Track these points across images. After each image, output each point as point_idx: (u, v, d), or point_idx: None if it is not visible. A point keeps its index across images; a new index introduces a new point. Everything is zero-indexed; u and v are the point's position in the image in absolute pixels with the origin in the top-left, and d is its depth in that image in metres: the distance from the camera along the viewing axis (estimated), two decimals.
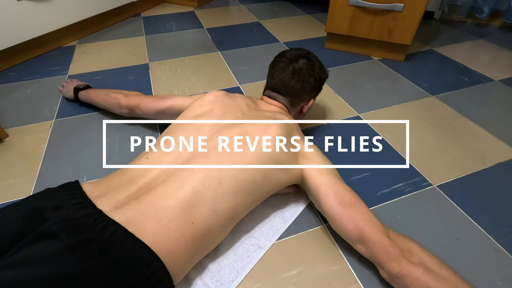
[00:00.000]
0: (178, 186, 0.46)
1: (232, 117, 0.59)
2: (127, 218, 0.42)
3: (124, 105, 0.78)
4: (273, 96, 0.70)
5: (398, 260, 0.45)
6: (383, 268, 0.47)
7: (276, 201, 0.65)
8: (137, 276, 0.38)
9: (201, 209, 0.46)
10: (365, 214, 0.50)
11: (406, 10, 1.04)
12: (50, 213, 0.40)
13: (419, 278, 0.43)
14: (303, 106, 0.72)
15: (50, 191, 0.47)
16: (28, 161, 0.75)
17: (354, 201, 0.52)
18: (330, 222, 0.54)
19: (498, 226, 0.61)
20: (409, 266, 0.44)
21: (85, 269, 0.36)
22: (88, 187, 0.47)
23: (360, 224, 0.49)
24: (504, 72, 1.12)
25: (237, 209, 0.50)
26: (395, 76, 1.10)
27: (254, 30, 1.47)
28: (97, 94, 0.87)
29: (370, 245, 0.48)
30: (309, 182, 0.56)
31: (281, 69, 0.68)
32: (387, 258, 0.46)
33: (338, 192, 0.52)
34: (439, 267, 0.45)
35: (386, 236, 0.48)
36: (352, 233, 0.50)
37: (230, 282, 0.51)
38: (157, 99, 0.75)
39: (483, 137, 0.83)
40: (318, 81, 0.71)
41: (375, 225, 0.49)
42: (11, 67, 1.15)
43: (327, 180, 0.54)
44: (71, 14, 1.26)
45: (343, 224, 0.51)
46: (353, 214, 0.50)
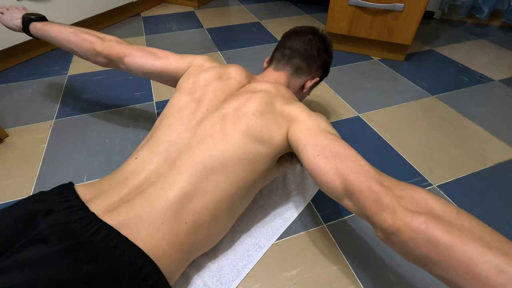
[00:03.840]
0: (167, 188, 0.45)
1: (219, 102, 0.54)
2: (119, 222, 0.41)
3: (103, 53, 0.66)
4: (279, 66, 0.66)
5: (392, 208, 0.34)
6: (374, 223, 0.36)
7: (276, 201, 0.65)
8: (130, 280, 0.37)
9: (193, 207, 0.45)
10: (351, 161, 0.41)
11: (406, 10, 1.04)
12: (42, 218, 0.40)
13: (419, 228, 0.31)
14: (307, 81, 0.68)
15: (43, 194, 0.46)
16: (28, 161, 0.75)
17: (337, 150, 0.43)
18: (314, 181, 0.46)
19: (498, 226, 0.61)
20: (405, 215, 0.33)
21: (77, 274, 0.35)
22: (82, 190, 0.46)
23: (343, 173, 0.40)
24: (504, 72, 1.12)
25: (231, 203, 0.49)
26: (395, 76, 1.10)
27: (254, 30, 1.47)
28: (60, 31, 0.70)
29: (356, 194, 0.38)
30: (292, 142, 0.50)
31: (297, 35, 0.68)
32: (377, 208, 0.35)
33: (318, 143, 0.45)
34: (456, 215, 0.32)
35: (377, 182, 0.37)
36: (335, 185, 0.41)
37: (230, 282, 0.51)
38: (149, 55, 0.64)
39: (483, 137, 0.83)
40: (327, 62, 0.71)
41: (363, 171, 0.39)
42: (11, 67, 1.15)
43: (308, 134, 0.47)
44: (71, 14, 1.26)
45: (323, 177, 0.42)
46: (334, 163, 0.42)
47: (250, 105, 0.52)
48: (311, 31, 0.69)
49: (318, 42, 0.68)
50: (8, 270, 0.34)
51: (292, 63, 0.65)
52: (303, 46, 0.66)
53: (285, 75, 0.65)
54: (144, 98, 0.97)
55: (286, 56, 0.66)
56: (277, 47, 0.69)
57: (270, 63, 0.69)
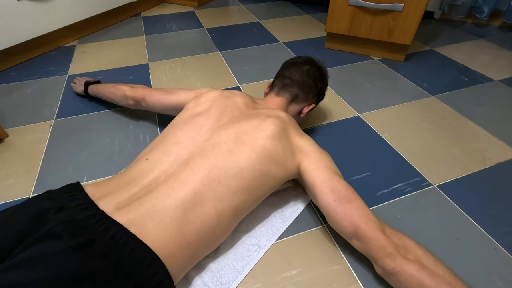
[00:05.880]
0: (179, 187, 0.46)
1: (230, 116, 0.59)
2: (128, 219, 0.42)
3: (130, 96, 0.79)
4: (280, 93, 0.72)
5: (393, 257, 0.45)
6: (377, 264, 0.47)
7: (276, 201, 0.65)
8: (138, 277, 0.38)
9: (202, 208, 0.46)
10: (361, 210, 0.50)
11: (406, 10, 1.04)
12: (53, 215, 0.40)
13: (413, 274, 0.43)
14: (304, 108, 0.74)
15: (52, 192, 0.46)
16: (28, 161, 0.75)
17: (350, 197, 0.51)
18: (327, 217, 0.54)
19: (498, 225, 0.61)
20: (403, 263, 0.44)
21: (87, 270, 0.36)
22: (90, 189, 0.47)
23: (355, 220, 0.49)
24: (504, 72, 1.12)
25: (239, 208, 0.51)
26: (395, 76, 1.10)
27: (254, 30, 1.47)
28: (105, 87, 0.88)
29: (365, 241, 0.48)
30: (306, 177, 0.56)
31: (296, 66, 0.74)
32: (382, 254, 0.46)
33: (334, 188, 0.52)
34: (434, 265, 0.45)
35: (381, 232, 0.48)
36: (348, 229, 0.50)
37: (230, 282, 0.51)
38: (163, 93, 0.75)
39: (483, 137, 0.83)
40: (322, 90, 0.78)
41: (371, 221, 0.49)
42: (11, 67, 1.15)
43: (323, 175, 0.54)
44: (71, 14, 1.26)
45: (339, 220, 0.51)
46: (349, 210, 0.50)
47: (268, 126, 0.56)
48: (309, 62, 0.76)
49: (315, 72, 0.74)
50: (20, 266, 0.34)
51: (291, 91, 0.72)
52: (301, 77, 0.72)
53: (284, 101, 0.71)
54: None
55: (285, 85, 0.72)
56: (278, 75, 0.76)
57: (271, 89, 0.75)
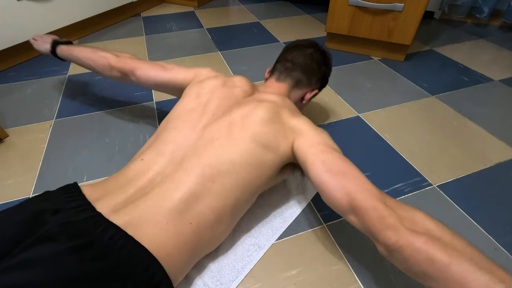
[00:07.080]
0: (174, 188, 0.46)
1: (225, 108, 0.56)
2: (125, 221, 0.42)
3: (116, 66, 0.71)
4: (281, 78, 0.67)
5: (395, 228, 0.37)
6: (378, 240, 0.40)
7: (276, 201, 0.65)
8: (135, 279, 0.38)
9: (199, 209, 0.46)
10: (357, 179, 0.44)
11: (406, 10, 1.04)
12: (50, 217, 0.40)
13: (420, 248, 0.35)
14: (306, 93, 0.70)
15: (49, 193, 0.46)
16: (28, 161, 0.75)
17: (344, 168, 0.46)
18: (320, 193, 0.48)
19: (498, 225, 0.61)
20: (408, 234, 0.36)
21: (85, 272, 0.35)
22: (87, 190, 0.47)
23: (350, 191, 0.43)
24: (504, 72, 1.12)
25: (236, 205, 0.50)
26: (395, 76, 1.10)
27: (254, 30, 1.47)
28: (80, 50, 0.77)
29: (362, 213, 0.41)
30: (298, 154, 0.52)
31: (299, 49, 0.70)
32: (381, 226, 0.39)
33: (326, 159, 0.47)
34: (451, 238, 0.36)
35: (380, 202, 0.41)
36: (342, 201, 0.44)
37: (230, 282, 0.51)
38: (157, 68, 0.68)
39: (483, 137, 0.83)
40: (326, 74, 0.73)
41: (367, 190, 0.43)
42: (11, 67, 1.15)
43: (315, 149, 0.50)
44: (71, 14, 1.26)
45: (332, 193, 0.45)
46: (342, 181, 0.45)
47: (257, 113, 0.54)
48: (312, 45, 0.72)
49: (318, 55, 0.71)
50: (18, 268, 0.34)
51: (293, 75, 0.68)
52: (304, 60, 0.68)
53: (286, 86, 0.67)
54: (144, 98, 0.97)
55: (287, 69, 0.68)
56: (279, 59, 0.72)
57: (272, 74, 0.71)
